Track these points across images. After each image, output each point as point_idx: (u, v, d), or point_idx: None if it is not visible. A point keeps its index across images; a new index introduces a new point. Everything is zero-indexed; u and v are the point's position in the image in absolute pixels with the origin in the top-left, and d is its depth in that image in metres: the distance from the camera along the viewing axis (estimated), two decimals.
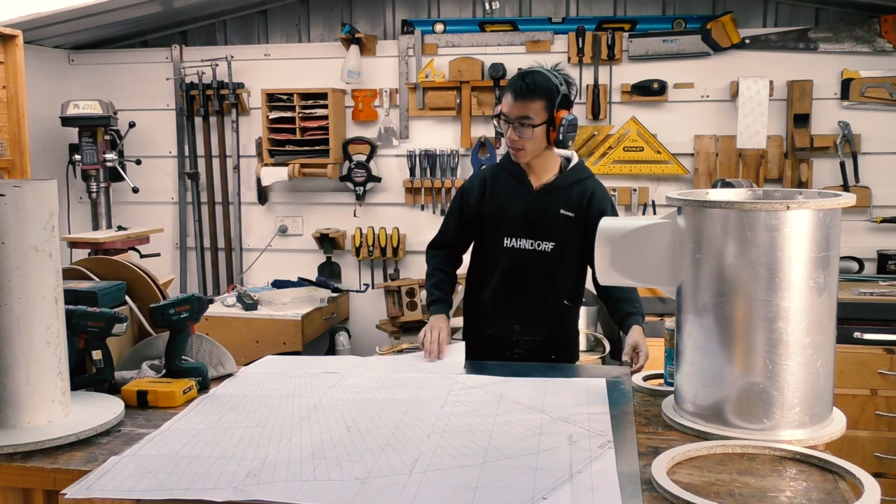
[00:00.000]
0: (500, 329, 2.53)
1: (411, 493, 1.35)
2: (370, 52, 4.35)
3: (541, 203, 2.46)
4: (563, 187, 2.47)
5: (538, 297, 2.50)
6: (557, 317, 2.53)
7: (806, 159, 4.01)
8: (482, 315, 2.58)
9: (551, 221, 2.45)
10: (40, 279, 1.65)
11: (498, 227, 2.50)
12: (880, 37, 3.94)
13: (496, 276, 2.52)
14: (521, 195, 2.48)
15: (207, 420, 1.75)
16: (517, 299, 2.51)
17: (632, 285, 2.33)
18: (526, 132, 2.35)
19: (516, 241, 2.48)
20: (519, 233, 2.48)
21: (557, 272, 2.48)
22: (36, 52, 4.35)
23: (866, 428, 3.39)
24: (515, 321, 2.51)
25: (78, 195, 4.65)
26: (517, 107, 2.35)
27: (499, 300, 2.53)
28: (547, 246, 2.46)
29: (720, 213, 1.60)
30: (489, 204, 2.53)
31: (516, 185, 2.49)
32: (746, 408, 1.61)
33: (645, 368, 2.31)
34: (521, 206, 2.47)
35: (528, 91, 2.34)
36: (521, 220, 2.47)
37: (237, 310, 4.05)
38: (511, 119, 2.36)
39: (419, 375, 2.07)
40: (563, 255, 2.47)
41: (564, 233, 2.46)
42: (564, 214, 2.45)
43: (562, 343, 2.57)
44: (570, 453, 1.51)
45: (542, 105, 2.34)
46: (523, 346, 2.51)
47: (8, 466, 1.54)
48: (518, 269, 2.49)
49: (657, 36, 4.11)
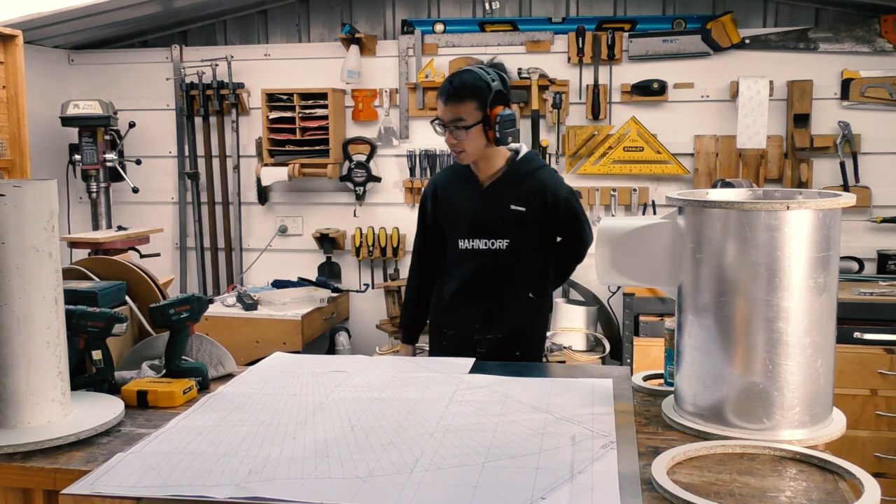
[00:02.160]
0: (460, 329, 2.53)
1: (411, 492, 1.35)
2: (370, 52, 4.35)
3: (490, 200, 2.45)
4: (512, 182, 2.45)
5: (496, 296, 2.49)
6: (520, 313, 2.52)
7: (806, 159, 4.01)
8: (444, 316, 2.59)
9: (502, 218, 2.44)
10: (40, 279, 1.65)
11: (452, 229, 2.51)
12: (880, 37, 3.94)
13: (455, 277, 2.53)
14: (470, 195, 2.48)
15: (213, 417, 1.75)
16: (476, 299, 2.51)
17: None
18: (461, 134, 2.34)
19: (470, 242, 2.47)
20: (471, 233, 2.47)
21: (515, 269, 2.47)
22: (36, 52, 4.35)
23: (866, 428, 3.39)
24: (475, 320, 2.51)
25: (78, 195, 4.65)
26: (448, 110, 2.34)
27: (458, 301, 2.53)
28: (501, 244, 2.44)
29: (720, 213, 1.60)
30: (442, 208, 2.54)
31: (465, 185, 2.49)
32: (746, 408, 1.61)
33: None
34: (471, 206, 2.47)
35: (457, 93, 2.33)
36: (472, 221, 2.47)
37: (237, 310, 4.05)
38: (445, 123, 2.35)
39: (425, 375, 2.07)
40: (519, 251, 2.45)
41: (517, 228, 2.44)
42: (515, 210, 2.43)
43: (527, 339, 2.56)
44: (571, 453, 1.51)
45: (474, 105, 2.33)
46: (485, 344, 2.50)
47: (8, 466, 1.54)
48: (475, 269, 2.48)
49: (657, 36, 4.11)
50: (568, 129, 4.21)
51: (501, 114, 2.34)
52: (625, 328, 3.71)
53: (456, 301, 2.54)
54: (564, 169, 4.24)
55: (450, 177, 2.57)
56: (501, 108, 2.35)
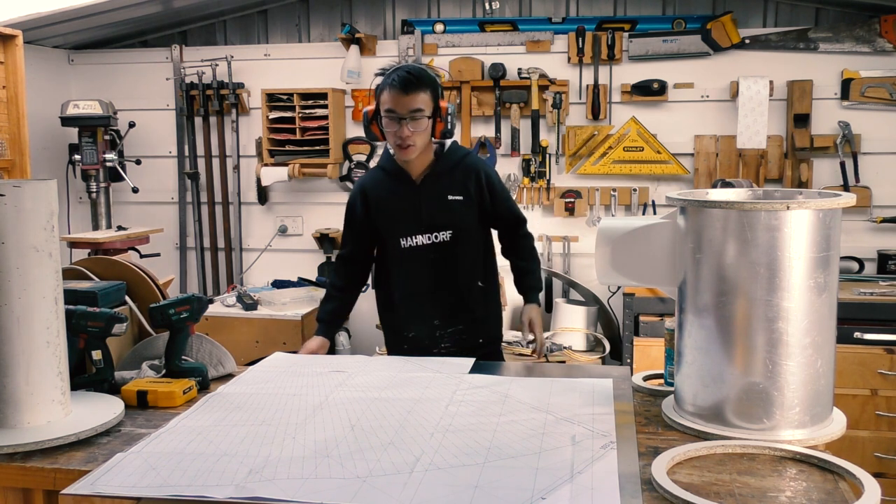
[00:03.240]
0: (420, 329, 2.50)
1: (411, 492, 1.35)
2: (370, 52, 4.35)
3: (426, 194, 2.43)
4: (444, 172, 2.43)
5: (449, 288, 2.48)
6: (474, 301, 2.52)
7: (806, 159, 4.01)
8: (398, 320, 2.55)
9: (442, 210, 2.42)
10: (40, 279, 1.65)
11: (391, 230, 2.47)
12: (880, 37, 3.94)
13: (401, 278, 2.50)
14: (404, 192, 2.44)
15: (213, 418, 1.75)
16: (429, 296, 2.48)
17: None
18: (420, 124, 2.30)
19: (412, 240, 2.44)
20: (412, 230, 2.44)
21: (461, 258, 2.46)
22: (36, 52, 4.35)
23: (866, 428, 3.39)
24: (434, 317, 2.49)
25: (78, 195, 4.65)
26: (408, 100, 2.28)
27: (411, 302, 2.50)
28: (445, 235, 2.43)
29: (720, 213, 1.60)
30: (375, 211, 2.48)
31: (397, 184, 2.45)
32: (746, 408, 1.61)
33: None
34: (408, 203, 2.43)
35: (417, 82, 2.30)
36: (412, 218, 2.43)
37: (237, 310, 4.05)
38: (403, 114, 2.29)
39: (426, 375, 2.07)
40: (462, 241, 2.44)
41: (458, 217, 2.43)
42: (453, 199, 2.42)
43: (488, 326, 2.58)
44: (572, 453, 1.51)
45: (429, 96, 2.32)
46: (448, 338, 2.49)
47: (8, 466, 1.54)
48: (421, 266, 2.45)
49: (657, 36, 4.11)
50: (568, 129, 4.21)
51: (449, 107, 2.35)
52: (625, 328, 3.71)
53: (410, 302, 2.51)
54: (564, 169, 4.24)
55: (378, 178, 2.51)
56: (444, 101, 2.38)
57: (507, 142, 4.26)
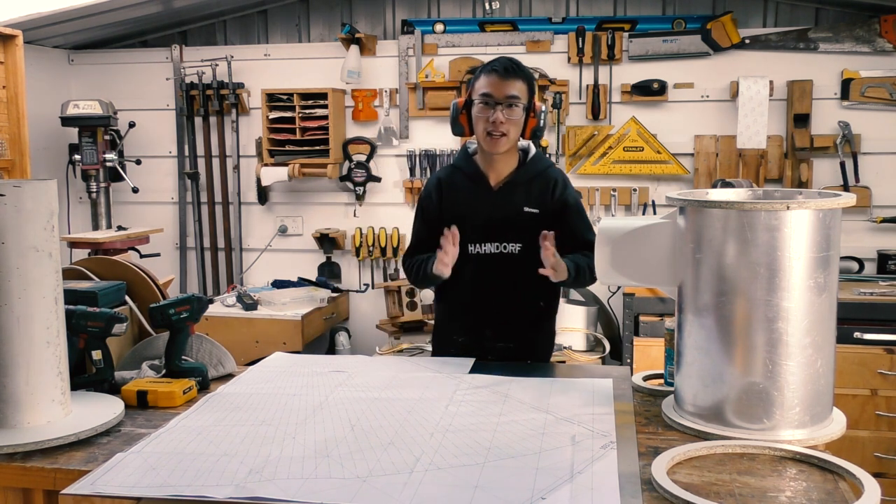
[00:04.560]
0: (471, 337, 2.40)
1: (411, 492, 1.35)
2: (370, 52, 4.35)
3: (502, 202, 2.33)
4: (523, 182, 2.34)
5: (509, 303, 2.37)
6: (531, 320, 2.41)
7: (806, 159, 4.01)
8: (452, 324, 2.47)
9: (515, 221, 2.32)
10: (40, 279, 1.65)
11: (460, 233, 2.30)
12: (880, 37, 3.94)
13: (463, 283, 2.36)
14: (479, 196, 2.35)
15: (213, 418, 1.75)
16: (487, 306, 2.38)
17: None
18: (515, 113, 2.23)
19: (480, 247, 2.34)
20: (482, 237, 2.33)
21: (528, 274, 2.29)
22: (36, 52, 4.35)
23: (866, 428, 3.39)
24: (487, 328, 2.39)
25: (78, 195, 4.65)
26: (505, 85, 2.22)
27: (468, 308, 2.41)
28: (514, 248, 2.33)
29: (720, 213, 1.60)
30: (448, 211, 2.37)
31: (473, 186, 2.36)
32: (746, 408, 1.61)
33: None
34: (482, 209, 2.33)
35: (515, 70, 2.24)
36: (483, 224, 2.33)
37: (237, 310, 4.05)
38: (499, 99, 2.22)
39: (426, 375, 2.07)
40: (531, 256, 2.27)
41: (531, 232, 2.27)
42: (529, 212, 2.32)
43: (538, 347, 2.45)
44: (572, 453, 1.51)
45: (526, 88, 2.26)
46: (496, 352, 2.36)
47: (8, 466, 1.54)
48: (485, 275, 2.35)
49: (657, 36, 4.11)
50: (568, 129, 4.21)
51: (542, 107, 2.28)
52: (625, 328, 3.71)
53: (465, 308, 2.42)
54: (564, 169, 4.24)
55: (454, 175, 2.42)
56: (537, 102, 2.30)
57: None
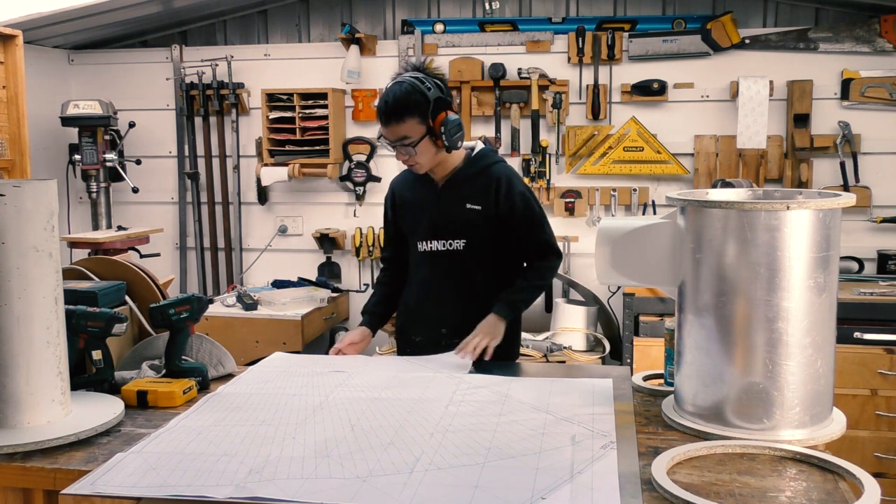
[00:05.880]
0: (427, 335, 2.43)
1: (411, 492, 1.35)
2: (370, 52, 4.35)
3: (446, 199, 2.38)
4: (466, 179, 2.38)
5: (460, 299, 2.40)
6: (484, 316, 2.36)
7: (806, 159, 4.01)
8: (409, 323, 2.52)
9: (458, 217, 2.36)
10: (40, 279, 1.65)
11: (411, 232, 2.44)
12: (880, 37, 3.94)
13: (416, 282, 2.46)
14: (426, 195, 2.41)
15: (213, 418, 1.75)
16: (439, 303, 2.42)
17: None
18: (410, 151, 2.27)
19: (428, 244, 2.40)
20: (428, 234, 2.40)
21: (476, 270, 2.37)
22: (36, 52, 4.35)
23: (866, 428, 3.39)
24: (441, 325, 2.41)
25: (78, 195, 4.65)
26: (390, 130, 2.26)
27: (422, 306, 2.46)
28: (458, 244, 2.37)
29: (720, 213, 1.60)
30: (400, 211, 2.48)
31: (421, 186, 2.43)
32: (746, 408, 1.61)
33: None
34: (428, 206, 2.40)
35: (395, 113, 2.23)
36: (429, 221, 2.39)
37: (237, 310, 4.05)
38: (393, 142, 2.29)
39: (426, 375, 2.07)
40: (477, 252, 2.36)
41: (474, 228, 2.35)
42: (471, 208, 2.35)
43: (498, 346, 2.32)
44: (572, 453, 1.51)
45: (416, 120, 2.24)
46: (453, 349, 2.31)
47: (8, 466, 1.54)
48: (435, 272, 2.40)
49: (657, 36, 4.11)
50: (568, 129, 4.21)
51: (445, 120, 2.25)
52: (625, 328, 3.71)
53: (420, 307, 2.47)
54: (564, 169, 4.24)
55: (406, 178, 2.50)
56: (444, 114, 2.26)
57: (507, 142, 4.26)
